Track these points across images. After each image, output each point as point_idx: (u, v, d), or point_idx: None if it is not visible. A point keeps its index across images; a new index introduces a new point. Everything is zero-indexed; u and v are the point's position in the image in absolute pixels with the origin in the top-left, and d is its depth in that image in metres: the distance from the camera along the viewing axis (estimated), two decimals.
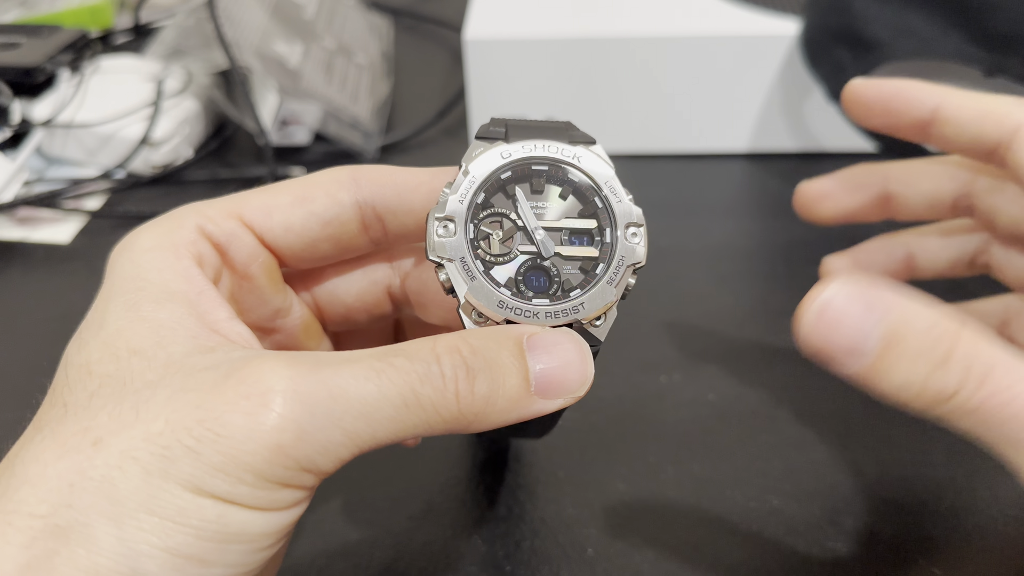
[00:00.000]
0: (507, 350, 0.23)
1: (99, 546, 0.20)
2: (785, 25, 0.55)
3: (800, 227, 0.53)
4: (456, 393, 0.22)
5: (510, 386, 0.23)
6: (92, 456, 0.21)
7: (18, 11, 0.70)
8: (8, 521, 0.20)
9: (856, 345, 0.23)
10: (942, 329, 0.23)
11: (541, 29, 0.56)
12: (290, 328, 0.30)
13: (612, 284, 0.25)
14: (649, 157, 0.59)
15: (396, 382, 0.22)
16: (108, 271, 0.26)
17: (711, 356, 0.43)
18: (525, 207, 0.26)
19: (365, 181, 0.27)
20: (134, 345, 0.23)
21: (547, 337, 0.24)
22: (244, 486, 0.21)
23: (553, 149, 0.26)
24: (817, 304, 0.23)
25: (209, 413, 0.21)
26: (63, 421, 0.22)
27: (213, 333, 0.24)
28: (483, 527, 0.35)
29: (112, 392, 0.22)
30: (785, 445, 0.38)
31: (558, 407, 0.24)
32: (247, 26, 0.59)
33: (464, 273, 0.25)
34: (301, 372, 0.21)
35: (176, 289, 0.25)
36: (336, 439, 0.21)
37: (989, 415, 0.22)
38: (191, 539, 0.20)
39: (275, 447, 0.21)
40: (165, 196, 0.56)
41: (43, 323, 0.46)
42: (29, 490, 0.20)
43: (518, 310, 0.25)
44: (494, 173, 0.26)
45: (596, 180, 0.26)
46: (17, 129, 0.54)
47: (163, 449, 0.20)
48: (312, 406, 0.21)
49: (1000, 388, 0.22)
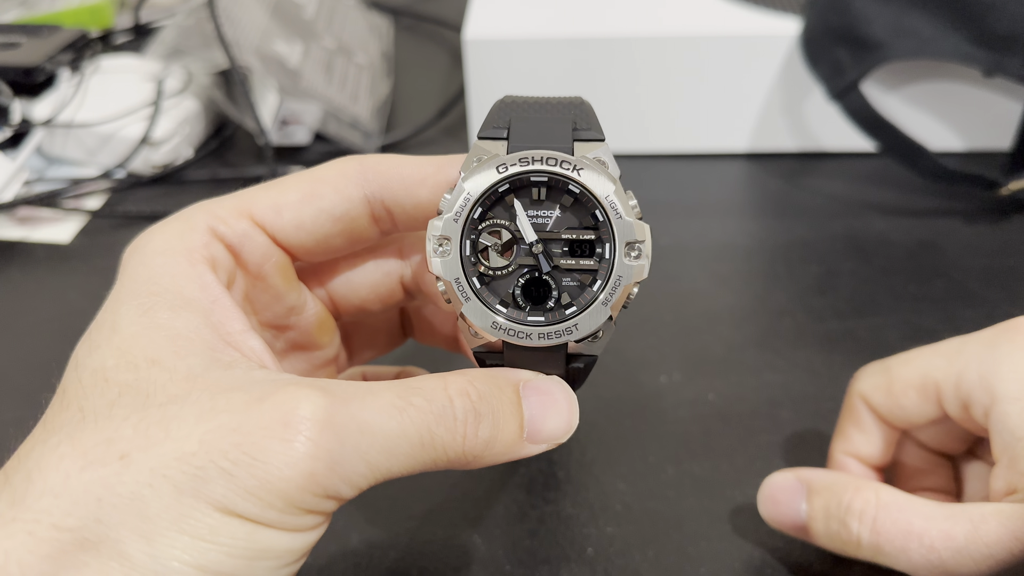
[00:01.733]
0: (507, 397, 0.25)
1: (132, 562, 0.20)
2: (785, 25, 0.55)
3: (800, 227, 0.53)
4: (464, 435, 0.24)
5: (508, 432, 0.25)
6: (120, 471, 0.21)
7: (18, 11, 0.70)
8: (28, 530, 0.20)
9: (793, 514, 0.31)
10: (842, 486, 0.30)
11: (541, 29, 0.56)
12: (304, 324, 0.30)
13: (607, 305, 0.25)
14: (649, 157, 0.59)
15: (416, 421, 0.23)
16: (120, 272, 0.26)
17: (711, 356, 0.43)
18: (523, 221, 0.25)
19: (372, 175, 0.27)
20: (151, 354, 0.23)
21: (541, 385, 0.26)
22: (273, 511, 0.21)
23: (552, 161, 0.25)
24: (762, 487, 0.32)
25: (246, 438, 0.21)
26: (81, 428, 0.22)
27: (228, 346, 0.24)
28: (483, 527, 0.35)
29: (134, 403, 0.22)
30: (785, 445, 0.38)
31: (542, 451, 0.26)
32: (247, 26, 0.59)
33: (459, 293, 0.25)
34: (334, 403, 0.22)
35: (191, 297, 0.25)
36: (360, 470, 0.22)
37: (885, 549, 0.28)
38: (222, 556, 0.21)
39: (309, 475, 0.21)
40: (165, 196, 0.56)
41: (43, 323, 0.46)
42: (52, 500, 0.20)
43: (511, 331, 0.25)
44: (491, 188, 0.25)
45: (596, 196, 0.25)
46: (17, 129, 0.54)
47: (197, 469, 0.21)
48: (343, 438, 0.22)
49: None
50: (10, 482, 0.21)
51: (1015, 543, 0.26)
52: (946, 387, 0.30)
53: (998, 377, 0.28)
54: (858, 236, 0.52)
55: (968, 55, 0.50)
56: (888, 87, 0.55)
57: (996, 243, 0.50)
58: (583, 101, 0.27)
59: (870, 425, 0.33)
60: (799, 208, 0.54)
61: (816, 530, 0.30)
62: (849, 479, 0.30)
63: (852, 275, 0.48)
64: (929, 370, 0.31)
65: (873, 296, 0.47)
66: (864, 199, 0.55)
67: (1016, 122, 0.53)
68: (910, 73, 0.55)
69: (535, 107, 0.27)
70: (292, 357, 0.31)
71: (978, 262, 0.49)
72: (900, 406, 0.32)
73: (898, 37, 0.51)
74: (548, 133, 0.26)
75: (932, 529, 0.27)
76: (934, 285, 0.47)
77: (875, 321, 0.45)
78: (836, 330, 0.44)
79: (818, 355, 0.43)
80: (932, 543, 0.27)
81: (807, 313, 0.46)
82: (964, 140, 0.58)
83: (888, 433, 0.33)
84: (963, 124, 0.57)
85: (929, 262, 0.49)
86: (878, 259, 0.50)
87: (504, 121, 0.26)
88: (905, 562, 0.27)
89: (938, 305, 0.46)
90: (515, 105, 0.27)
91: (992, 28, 0.49)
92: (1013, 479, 0.28)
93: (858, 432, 0.33)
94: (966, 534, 0.27)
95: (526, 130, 0.26)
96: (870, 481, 0.30)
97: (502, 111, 0.27)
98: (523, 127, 0.26)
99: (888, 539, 0.28)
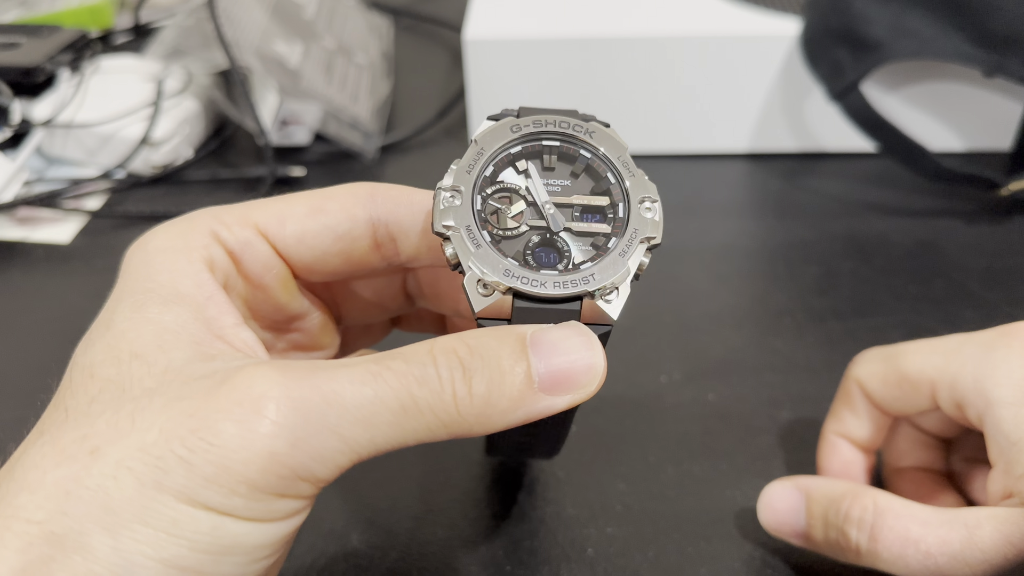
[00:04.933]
0: (508, 346, 0.22)
1: (95, 555, 0.20)
2: (785, 25, 0.55)
3: (800, 227, 0.53)
4: (453, 395, 0.22)
5: (511, 384, 0.22)
6: (89, 465, 0.20)
7: (18, 11, 0.70)
8: (6, 526, 0.20)
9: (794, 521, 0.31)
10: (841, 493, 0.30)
11: (541, 29, 0.56)
12: (306, 329, 0.30)
13: (624, 257, 0.24)
14: (649, 157, 0.59)
15: (393, 386, 0.21)
16: (122, 270, 0.26)
17: (711, 356, 0.43)
18: (537, 182, 0.25)
19: (381, 199, 0.27)
20: (136, 348, 0.23)
21: (552, 331, 0.23)
22: (238, 497, 0.20)
23: (565, 124, 0.26)
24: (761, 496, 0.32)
25: (202, 422, 0.20)
26: (63, 427, 0.22)
27: (217, 340, 0.24)
28: (483, 527, 0.35)
29: (111, 398, 0.22)
30: (785, 445, 0.38)
31: (567, 405, 0.22)
32: (247, 26, 0.59)
33: (469, 241, 0.24)
34: (294, 377, 0.21)
35: (185, 292, 0.24)
36: (333, 445, 0.21)
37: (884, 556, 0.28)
38: (185, 551, 0.20)
39: (268, 455, 0.20)
40: (165, 196, 0.56)
41: (43, 323, 0.46)
42: (27, 496, 0.20)
43: (524, 279, 0.23)
44: (504, 147, 0.25)
45: (609, 155, 0.25)
46: (17, 129, 0.54)
47: (156, 459, 0.20)
48: (306, 412, 0.21)
49: None
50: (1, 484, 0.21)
51: (1010, 548, 0.26)
52: (941, 386, 0.30)
53: (993, 382, 0.28)
54: (858, 236, 0.52)
55: (968, 55, 0.50)
56: (888, 87, 0.55)
57: (996, 243, 0.50)
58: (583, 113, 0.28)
59: (863, 410, 0.33)
60: (799, 208, 0.54)
61: (816, 538, 0.30)
62: (847, 486, 0.30)
63: (852, 275, 0.48)
64: (926, 367, 0.31)
65: (873, 296, 0.47)
66: (864, 199, 0.55)
67: (1016, 122, 0.53)
68: (910, 73, 0.55)
69: (540, 109, 0.28)
70: (292, 357, 0.31)
71: (978, 262, 0.49)
72: (895, 396, 0.32)
73: (898, 37, 0.51)
74: (556, 116, 0.26)
75: (929, 535, 0.27)
76: (934, 285, 0.47)
77: (875, 321, 0.45)
78: (836, 330, 0.44)
79: (818, 355, 0.43)
80: (929, 549, 0.27)
81: (807, 313, 0.46)
82: (964, 140, 0.58)
83: (881, 419, 0.33)
84: (963, 124, 0.57)
85: (929, 262, 0.49)
86: (878, 259, 0.49)
87: (512, 111, 0.27)
88: (903, 568, 0.28)
89: (938, 305, 0.46)
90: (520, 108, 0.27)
91: (992, 28, 0.49)
92: (1009, 483, 0.28)
93: (851, 415, 0.34)
94: (962, 540, 0.27)
95: (535, 110, 0.26)
96: (868, 488, 0.30)
97: (506, 111, 0.27)
98: (532, 110, 0.26)
99: (886, 546, 0.28)
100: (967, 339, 0.30)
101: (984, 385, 0.29)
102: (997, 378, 0.28)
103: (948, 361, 0.30)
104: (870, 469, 0.34)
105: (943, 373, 0.30)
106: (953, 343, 0.31)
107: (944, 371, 0.30)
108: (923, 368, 0.31)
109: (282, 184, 0.57)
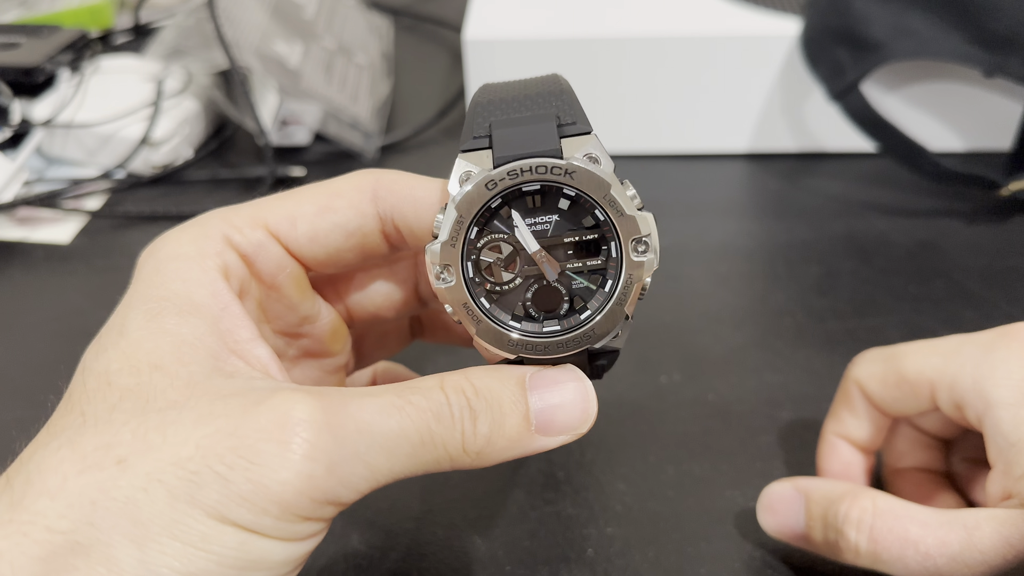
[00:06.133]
0: (509, 390, 0.24)
1: (120, 567, 0.20)
2: (785, 25, 0.55)
3: (800, 227, 0.53)
4: (462, 432, 0.23)
5: (510, 426, 0.24)
6: (116, 476, 0.21)
7: (18, 11, 0.70)
8: (23, 532, 0.20)
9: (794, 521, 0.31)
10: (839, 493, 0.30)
11: (541, 29, 0.56)
12: (318, 333, 0.30)
13: (621, 305, 0.24)
14: (649, 157, 0.59)
15: (415, 419, 0.23)
16: (135, 276, 0.26)
17: (711, 356, 0.43)
18: (524, 231, 0.25)
19: (385, 192, 0.27)
20: (155, 359, 0.23)
21: (549, 375, 0.25)
22: (268, 517, 0.21)
23: (542, 170, 0.24)
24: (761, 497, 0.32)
25: (242, 441, 0.21)
26: (82, 432, 0.22)
27: (233, 355, 0.24)
28: (483, 527, 0.35)
29: (134, 408, 0.22)
30: (785, 445, 0.38)
31: (560, 444, 0.25)
32: (247, 26, 0.59)
33: (469, 318, 0.24)
34: (330, 405, 0.22)
35: (200, 303, 0.25)
36: (359, 472, 0.22)
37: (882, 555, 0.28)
38: (212, 565, 0.21)
39: (307, 477, 0.21)
40: (165, 196, 0.56)
41: (43, 323, 0.46)
42: (48, 503, 0.20)
43: (528, 346, 0.25)
44: (483, 207, 0.24)
45: (593, 197, 0.24)
46: (17, 129, 0.54)
47: (192, 474, 0.21)
48: (341, 439, 0.22)
49: None
50: (11, 485, 0.21)
51: (1009, 549, 0.26)
52: (941, 387, 0.30)
53: (992, 383, 0.28)
54: (858, 236, 0.52)
55: (968, 55, 0.50)
56: (888, 87, 0.55)
57: (996, 243, 0.50)
58: (560, 82, 0.26)
59: (863, 410, 0.33)
60: (799, 208, 0.54)
61: (815, 539, 0.31)
62: (846, 487, 0.30)
63: (852, 275, 0.48)
64: (925, 368, 0.31)
65: (873, 296, 0.47)
66: (864, 199, 0.55)
67: (1016, 122, 0.53)
68: (910, 73, 0.55)
69: (514, 103, 0.26)
70: (303, 364, 0.31)
71: (978, 262, 0.49)
72: (894, 397, 0.32)
73: (898, 37, 0.51)
74: (532, 137, 0.24)
75: (928, 536, 0.27)
76: (934, 285, 0.47)
77: (875, 321, 0.45)
78: (836, 330, 0.44)
79: (818, 355, 0.43)
80: (928, 550, 0.27)
81: (807, 313, 0.46)
82: (964, 140, 0.58)
83: (880, 419, 0.33)
84: (963, 124, 0.57)
85: (929, 262, 0.49)
86: (878, 259, 0.49)
87: (484, 128, 0.25)
88: (902, 569, 0.28)
89: (938, 305, 0.46)
90: (492, 105, 0.26)
91: (992, 28, 0.49)
92: (1008, 484, 0.28)
93: (851, 416, 0.34)
94: (961, 541, 0.27)
95: (509, 137, 0.24)
96: (867, 489, 0.30)
97: (479, 113, 0.26)
98: (505, 134, 0.24)
99: (885, 547, 0.28)
100: (966, 340, 0.30)
101: (983, 386, 0.29)
102: (996, 379, 0.28)
103: (947, 362, 0.30)
104: (870, 470, 0.34)
105: (942, 374, 0.30)
106: (952, 344, 0.31)
107: (943, 372, 0.30)
108: (922, 369, 0.31)
109: (282, 184, 0.57)
